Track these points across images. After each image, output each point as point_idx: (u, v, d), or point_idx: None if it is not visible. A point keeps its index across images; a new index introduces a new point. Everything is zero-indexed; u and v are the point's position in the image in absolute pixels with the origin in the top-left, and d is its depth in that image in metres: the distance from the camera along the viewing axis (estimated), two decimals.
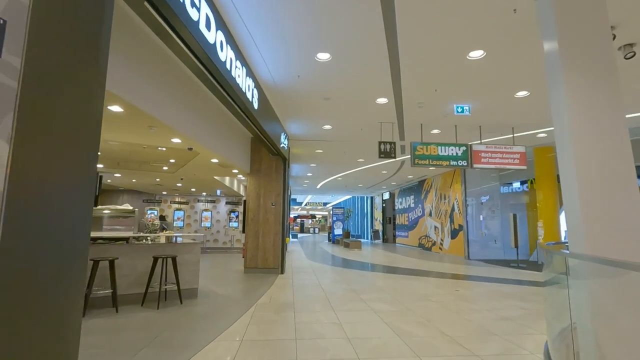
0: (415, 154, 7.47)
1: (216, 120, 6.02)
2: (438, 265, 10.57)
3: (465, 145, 7.64)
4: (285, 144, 8.32)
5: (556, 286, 3.48)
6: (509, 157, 7.71)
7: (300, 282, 7.31)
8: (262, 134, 6.30)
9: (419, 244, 17.32)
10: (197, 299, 5.58)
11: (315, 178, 16.80)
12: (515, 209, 12.55)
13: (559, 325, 3.54)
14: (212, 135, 5.96)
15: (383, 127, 7.89)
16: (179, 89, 4.50)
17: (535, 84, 5.56)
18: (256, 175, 8.74)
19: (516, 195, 12.95)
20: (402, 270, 9.30)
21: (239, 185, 14.06)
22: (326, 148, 10.23)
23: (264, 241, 8.51)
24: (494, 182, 12.80)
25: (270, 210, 8.62)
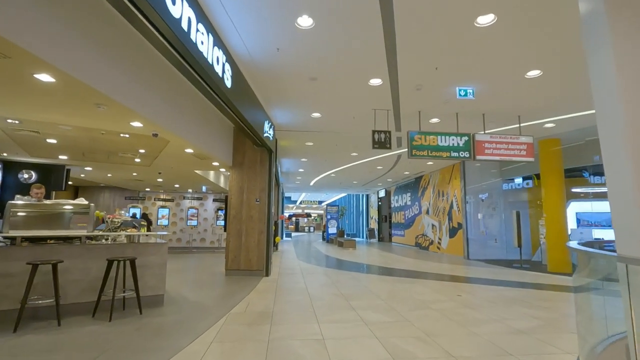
0: (413, 144, 6.77)
1: (190, 105, 5.28)
2: (436, 266, 9.90)
3: (468, 135, 6.96)
4: (271, 134, 7.59)
5: (593, 293, 2.80)
6: (515, 148, 7.03)
7: (286, 286, 6.59)
8: (240, 120, 5.57)
9: (416, 243, 16.66)
10: (163, 307, 4.85)
11: (307, 174, 16.08)
12: (516, 206, 11.91)
13: (593, 340, 2.87)
14: (185, 121, 5.22)
15: (377, 115, 7.18)
16: (135, 59, 3.76)
17: (550, 61, 4.87)
18: (239, 169, 8.00)
19: (518, 192, 12.31)
20: (398, 272, 8.61)
21: (226, 181, 13.31)
22: (317, 140, 9.51)
23: (247, 240, 7.78)
24: (494, 178, 12.15)
25: (254, 206, 7.88)
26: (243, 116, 5.36)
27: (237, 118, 5.48)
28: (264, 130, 6.92)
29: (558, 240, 8.75)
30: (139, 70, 3.87)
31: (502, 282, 7.15)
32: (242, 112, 5.23)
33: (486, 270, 8.93)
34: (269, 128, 7.30)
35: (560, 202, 8.85)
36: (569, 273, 8.45)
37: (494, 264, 10.41)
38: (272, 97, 6.38)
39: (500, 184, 12.17)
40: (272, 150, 8.05)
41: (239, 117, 5.41)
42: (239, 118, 5.48)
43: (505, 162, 7.08)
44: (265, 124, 6.97)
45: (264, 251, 7.76)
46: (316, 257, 12.12)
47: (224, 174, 12.47)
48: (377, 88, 5.83)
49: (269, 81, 5.63)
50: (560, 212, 8.81)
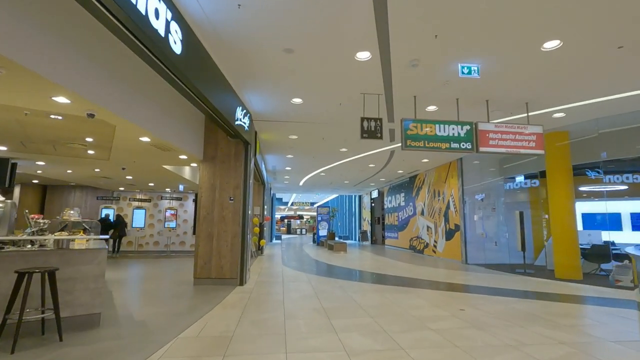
0: (407, 133, 5.88)
1: (142, 83, 4.33)
2: (432, 271, 9.01)
3: (470, 123, 6.09)
4: (246, 123, 6.64)
5: None
6: (522, 139, 6.18)
7: (260, 298, 5.64)
8: (201, 100, 4.62)
9: (410, 246, 15.80)
10: (96, 330, 3.87)
11: (295, 173, 15.14)
12: (517, 207, 11.10)
13: None
14: (134, 101, 4.27)
15: (367, 101, 6.29)
16: (48, 9, 2.80)
17: (574, 28, 4.01)
18: (211, 163, 7.04)
19: (519, 192, 11.51)
20: (390, 279, 7.70)
21: None
22: (301, 133, 8.59)
23: (219, 245, 6.82)
24: (494, 177, 11.33)
25: (227, 206, 6.93)
26: (204, 96, 4.42)
27: (197, 98, 4.53)
28: (236, 118, 5.97)
29: (567, 243, 7.92)
30: (58, 28, 2.92)
31: (509, 292, 6.28)
32: (201, 90, 4.29)
33: (488, 277, 8.07)
34: (242, 115, 6.36)
35: (569, 202, 8.03)
36: (578, 280, 7.62)
37: (495, 269, 9.56)
38: (243, 76, 5.45)
39: (502, 183, 11.35)
40: (249, 142, 7.11)
41: (198, 96, 4.46)
42: (200, 98, 4.54)
43: (513, 155, 6.23)
44: (238, 110, 6.03)
45: (238, 257, 6.80)
46: (303, 262, 11.17)
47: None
48: (366, 64, 4.93)
49: (235, 53, 4.70)
50: (569, 213, 7.98)
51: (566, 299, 5.77)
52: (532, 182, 11.18)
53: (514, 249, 10.66)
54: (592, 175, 10.25)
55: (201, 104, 4.83)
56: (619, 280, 6.86)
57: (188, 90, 4.30)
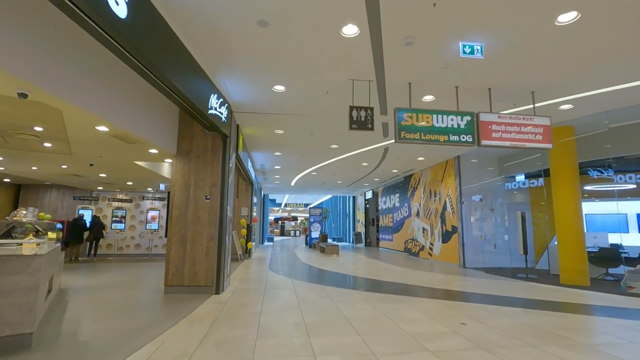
0: (402, 124, 5.26)
1: (95, 63, 3.66)
2: (429, 276, 8.39)
3: (471, 114, 5.49)
4: (223, 114, 5.99)
5: None
6: (528, 131, 5.59)
7: (234, 310, 4.98)
8: (163, 82, 3.95)
9: (405, 249, 15.20)
10: (28, 352, 3.19)
11: (285, 172, 14.48)
12: (517, 207, 10.54)
13: None
14: (81, 82, 3.61)
15: (357, 88, 5.66)
16: None
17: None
18: (185, 158, 6.38)
19: (519, 192, 10.96)
20: (383, 286, 7.07)
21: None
22: (287, 127, 7.94)
23: (193, 249, 6.14)
24: (491, 176, 10.77)
25: (203, 205, 6.26)
26: (164, 76, 3.75)
27: (158, 79, 3.86)
28: (210, 106, 5.31)
29: (573, 247, 7.35)
30: None
31: (513, 301, 5.67)
32: (161, 69, 3.62)
33: (489, 283, 7.46)
34: (218, 105, 5.70)
35: (575, 202, 7.47)
36: (586, 286, 7.05)
37: (495, 273, 8.97)
38: (215, 56, 4.80)
39: (501, 183, 10.78)
40: (228, 135, 6.45)
41: (158, 77, 3.79)
42: (160, 79, 3.87)
43: (518, 149, 5.63)
44: (212, 97, 5.37)
45: (214, 262, 6.13)
46: (291, 266, 10.50)
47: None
48: (354, 43, 4.31)
49: (202, 27, 4.05)
50: (576, 215, 7.41)
51: (578, 309, 5.17)
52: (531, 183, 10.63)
53: (515, 252, 10.09)
54: (594, 174, 9.72)
55: (165, 88, 4.16)
56: (632, 286, 6.29)
57: (144, 69, 3.63)
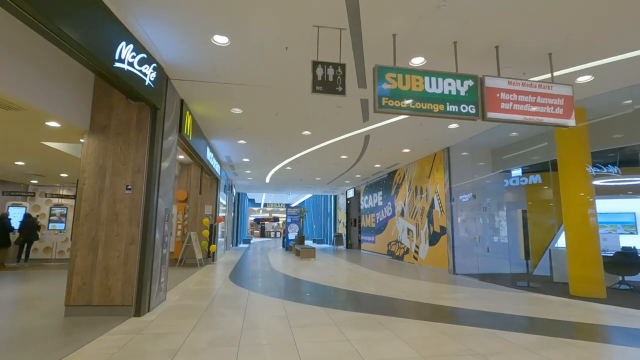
0: (383, 88, 3.88)
1: None
2: (415, 286, 7.07)
3: (474, 77, 4.17)
4: (148, 76, 4.47)
5: None
6: (546, 102, 4.32)
7: (142, 345, 3.48)
8: (32, 16, 2.44)
9: (388, 251, 13.92)
10: None
11: (256, 166, 12.98)
12: (512, 206, 9.39)
13: None
14: None
15: (324, 38, 4.26)
16: None
17: None
18: (101, 135, 4.83)
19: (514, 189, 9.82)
20: (360, 302, 5.69)
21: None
22: (245, 104, 6.48)
23: (106, 255, 4.61)
24: (484, 172, 9.58)
25: (123, 198, 4.73)
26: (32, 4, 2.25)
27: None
28: (119, 57, 3.80)
29: (586, 251, 6.17)
30: None
31: (525, 322, 4.37)
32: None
33: (487, 295, 6.19)
34: (138, 61, 4.19)
35: (588, 199, 6.30)
36: (602, 298, 5.87)
37: (492, 281, 7.73)
38: None
39: (496, 179, 9.60)
40: (159, 107, 4.94)
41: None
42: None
43: (532, 125, 4.34)
44: (123, 47, 3.86)
45: (134, 273, 4.60)
46: (257, 274, 9.02)
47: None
48: None
49: None
50: (589, 214, 6.23)
51: (608, 335, 3.91)
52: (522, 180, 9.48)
53: (511, 255, 8.92)
54: (593, 171, 8.62)
55: (42, 27, 2.66)
56: None
57: None
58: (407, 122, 7.36)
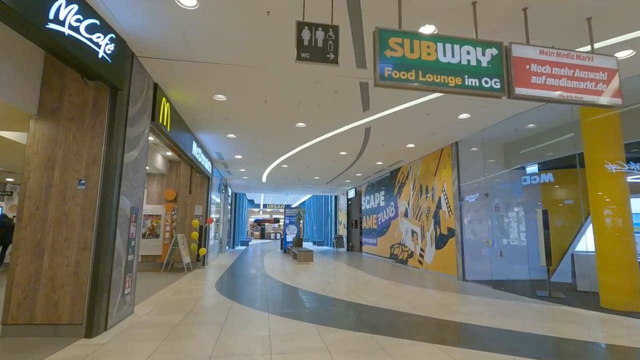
0: (386, 55, 3.10)
1: None
2: (421, 296, 6.27)
3: (497, 45, 3.38)
4: (102, 47, 3.71)
5: None
6: (587, 77, 3.53)
7: None
8: None
9: (391, 255, 13.10)
10: None
11: (251, 164, 12.21)
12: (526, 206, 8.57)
13: None
14: None
15: (313, 0, 3.48)
16: None
17: None
18: (50, 121, 4.07)
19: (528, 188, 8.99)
20: (359, 317, 4.89)
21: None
22: (229, 89, 5.71)
23: (53, 263, 3.84)
24: (493, 169, 8.76)
25: (75, 195, 3.97)
26: None
27: None
28: (58, 19, 3.04)
29: (620, 258, 5.36)
30: None
31: (561, 347, 3.56)
32: None
33: (505, 307, 5.37)
34: (87, 28, 3.43)
35: (622, 197, 5.49)
36: (638, 313, 5.05)
37: (507, 289, 6.91)
38: None
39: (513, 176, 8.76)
40: (119, 87, 4.17)
41: None
42: None
43: (570, 104, 3.55)
44: (62, 5, 3.09)
45: (86, 285, 3.83)
46: (247, 280, 8.24)
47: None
48: None
49: None
50: (623, 215, 5.42)
51: None
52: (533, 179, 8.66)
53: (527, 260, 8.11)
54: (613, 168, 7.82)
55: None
56: None
57: None
58: (413, 111, 6.56)
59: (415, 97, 5.90)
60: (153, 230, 11.10)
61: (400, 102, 6.11)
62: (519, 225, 8.52)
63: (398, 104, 6.20)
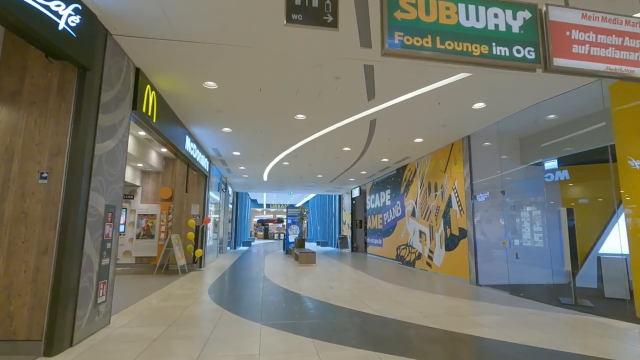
0: (395, 18, 2.53)
1: None
2: (432, 302, 5.68)
3: (531, 7, 2.80)
4: (64, 18, 3.19)
5: None
6: (637, 46, 2.93)
7: None
8: None
9: (397, 256, 12.51)
10: None
11: (250, 161, 11.69)
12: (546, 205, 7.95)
13: None
14: None
15: None
16: None
17: None
18: (9, 105, 3.56)
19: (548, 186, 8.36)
20: (364, 327, 4.33)
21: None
22: (220, 75, 5.17)
23: (8, 270, 3.32)
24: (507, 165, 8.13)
25: (36, 190, 3.45)
26: None
27: None
28: None
29: None
30: None
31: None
32: None
33: (528, 317, 4.77)
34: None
35: None
36: None
37: (527, 296, 6.30)
38: None
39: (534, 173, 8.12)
40: (88, 67, 3.64)
41: None
42: None
43: (619, 79, 2.96)
44: None
45: (46, 295, 3.31)
46: (244, 284, 7.72)
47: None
48: None
49: None
50: None
51: None
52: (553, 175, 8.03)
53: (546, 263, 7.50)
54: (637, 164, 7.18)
55: None
56: None
57: None
58: (422, 100, 5.98)
59: (425, 83, 5.32)
60: (148, 230, 10.62)
61: (409, 89, 5.53)
62: (536, 225, 7.89)
63: (406, 91, 5.63)
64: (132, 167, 9.92)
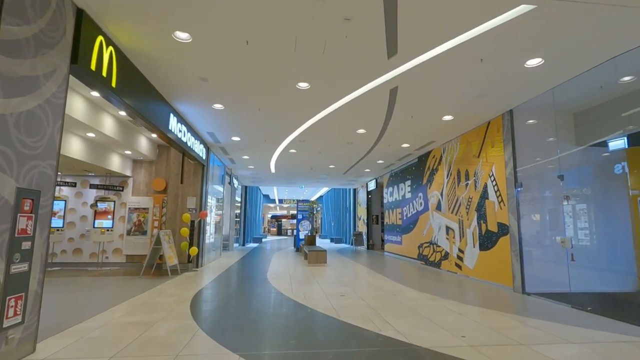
0: None
1: None
2: (474, 320, 4.29)
3: None
4: None
5: None
6: None
7: None
8: None
9: (419, 255, 11.08)
10: None
11: (254, 149, 10.47)
12: (611, 195, 6.40)
13: None
14: None
15: None
16: None
17: None
18: None
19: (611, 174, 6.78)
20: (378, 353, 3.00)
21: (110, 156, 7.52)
22: (192, 21, 3.91)
23: None
24: (554, 147, 6.58)
25: None
26: None
27: None
28: None
29: None
30: None
31: None
32: None
33: (620, 350, 3.34)
34: None
35: None
36: None
37: (595, 310, 4.82)
38: None
39: (593, 156, 6.56)
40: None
41: None
42: None
43: None
44: None
45: None
46: (238, 290, 6.51)
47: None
48: None
49: None
50: None
51: None
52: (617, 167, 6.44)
53: (614, 264, 5.99)
54: None
55: None
56: None
57: None
58: (459, 56, 4.57)
59: (467, 25, 3.91)
60: (140, 225, 9.58)
61: (444, 36, 4.13)
62: (592, 220, 6.35)
63: (440, 40, 4.22)
64: (119, 155, 8.85)
